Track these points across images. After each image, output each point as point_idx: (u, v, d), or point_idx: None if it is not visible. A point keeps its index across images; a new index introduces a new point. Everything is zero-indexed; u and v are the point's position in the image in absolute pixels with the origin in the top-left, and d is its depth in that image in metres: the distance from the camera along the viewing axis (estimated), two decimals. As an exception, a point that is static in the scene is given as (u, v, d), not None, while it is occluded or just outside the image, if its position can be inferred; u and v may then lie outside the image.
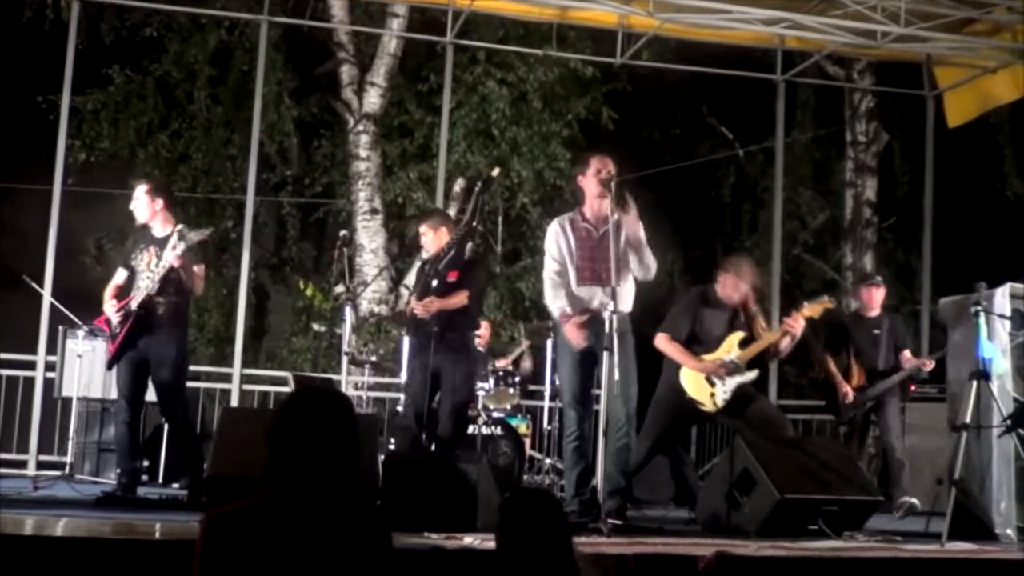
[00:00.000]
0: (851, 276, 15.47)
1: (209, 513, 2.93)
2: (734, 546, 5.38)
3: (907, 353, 8.95)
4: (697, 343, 7.33)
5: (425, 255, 7.95)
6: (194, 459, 7.24)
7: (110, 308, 7.10)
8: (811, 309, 7.46)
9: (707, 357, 7.28)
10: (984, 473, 6.99)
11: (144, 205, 7.22)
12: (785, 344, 7.35)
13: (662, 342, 7.28)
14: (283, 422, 3.03)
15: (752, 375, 7.33)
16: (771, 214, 12.86)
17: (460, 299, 7.33)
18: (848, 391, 8.87)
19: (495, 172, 7.71)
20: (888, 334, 8.96)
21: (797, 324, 7.28)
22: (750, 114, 14.96)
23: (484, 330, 9.74)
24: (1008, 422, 6.78)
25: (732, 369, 7.20)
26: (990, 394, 6.84)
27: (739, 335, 7.31)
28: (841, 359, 9.01)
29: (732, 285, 7.36)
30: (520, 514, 3.19)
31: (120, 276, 7.24)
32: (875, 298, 9.07)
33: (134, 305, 7.03)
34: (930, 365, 8.46)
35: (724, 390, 7.24)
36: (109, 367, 7.28)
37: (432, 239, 7.67)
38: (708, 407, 7.26)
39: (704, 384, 7.25)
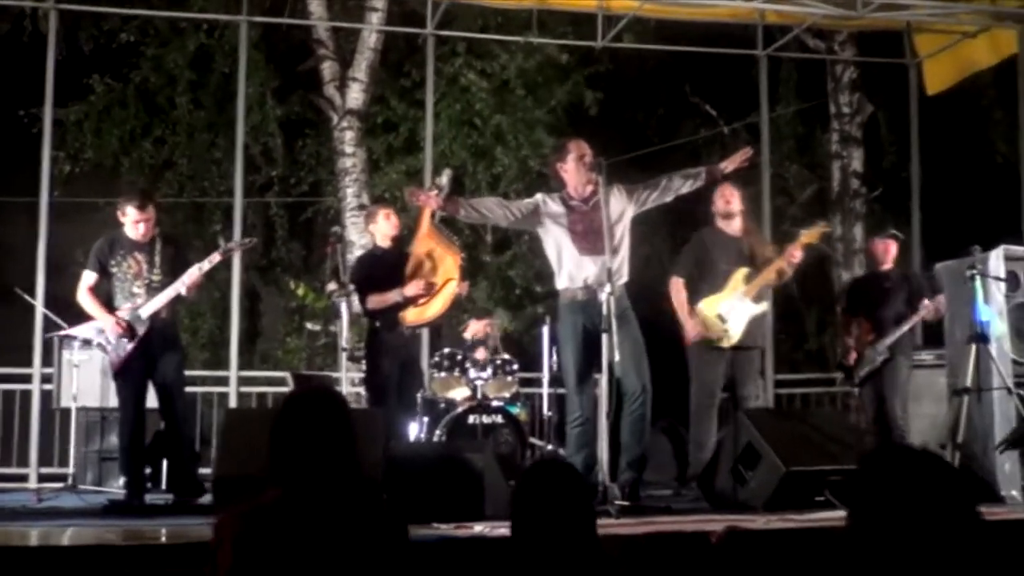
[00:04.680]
0: (841, 248, 15.49)
1: (223, 514, 2.93)
2: (743, 521, 5.39)
3: (925, 300, 8.54)
4: (703, 281, 7.65)
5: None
6: (193, 461, 7.31)
7: (109, 321, 7.06)
8: (808, 236, 7.82)
9: (713, 296, 7.59)
10: (987, 436, 7.03)
11: (151, 222, 7.22)
12: (788, 271, 7.76)
13: (671, 287, 7.69)
14: (280, 423, 3.07)
15: (762, 308, 7.59)
16: (759, 190, 12.86)
17: None
18: (852, 353, 8.77)
19: (444, 179, 7.78)
20: (898, 286, 8.79)
21: (797, 252, 7.66)
22: (733, 91, 14.93)
23: (481, 325, 9.75)
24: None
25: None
26: (989, 357, 6.87)
27: (744, 271, 7.64)
28: (856, 325, 8.91)
29: (719, 198, 7.76)
30: (541, 485, 3.16)
31: (90, 278, 7.23)
32: (890, 251, 8.85)
33: (144, 315, 7.05)
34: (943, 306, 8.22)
35: (736, 324, 7.57)
36: (118, 377, 7.25)
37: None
38: (724, 343, 7.60)
39: (717, 321, 7.57)
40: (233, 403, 10.04)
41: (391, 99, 14.96)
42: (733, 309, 7.58)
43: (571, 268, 6.68)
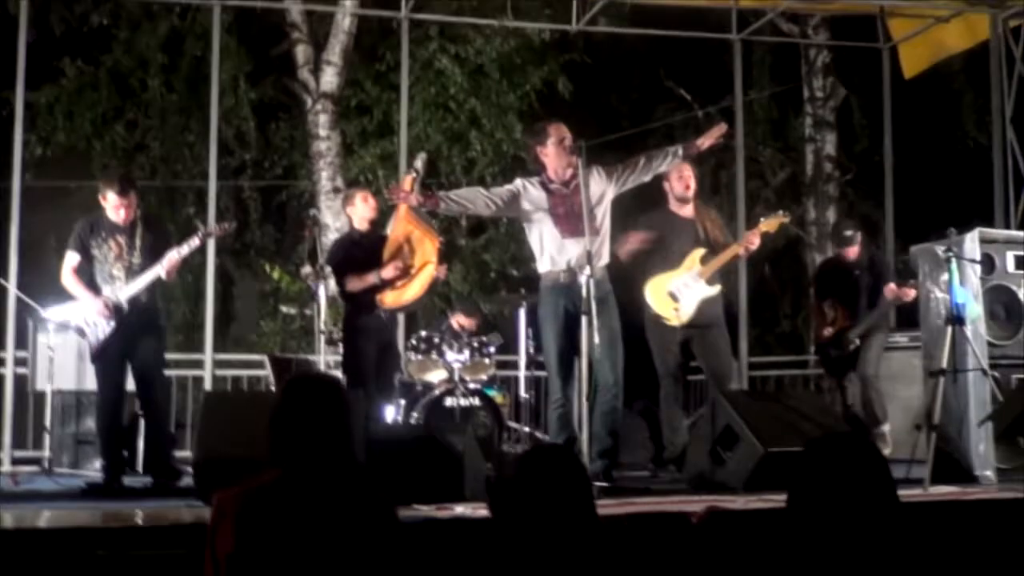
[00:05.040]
0: (815, 232, 15.57)
1: (220, 493, 2.95)
2: (723, 502, 5.43)
3: (892, 285, 8.69)
4: (658, 259, 7.65)
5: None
6: (165, 442, 7.31)
7: (93, 303, 7.03)
8: (767, 224, 7.89)
9: (665, 275, 7.63)
10: (962, 417, 7.09)
11: (132, 207, 7.18)
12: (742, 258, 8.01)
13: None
14: (283, 408, 3.12)
15: (714, 290, 7.59)
16: (732, 173, 12.91)
17: None
18: (825, 331, 8.88)
19: (419, 162, 7.81)
20: (866, 273, 8.91)
21: (755, 238, 7.73)
22: (707, 75, 14.97)
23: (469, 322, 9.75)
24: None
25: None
26: (965, 339, 6.93)
27: (701, 251, 7.66)
28: (830, 307, 8.99)
29: (676, 179, 7.77)
30: (541, 470, 3.17)
31: (74, 259, 7.18)
32: (851, 252, 9.04)
33: (124, 298, 7.02)
34: (911, 293, 8.32)
35: (687, 304, 7.58)
36: (96, 359, 7.21)
37: None
38: (673, 321, 7.62)
39: (667, 299, 7.59)
40: (208, 386, 10.02)
41: (365, 82, 14.91)
42: (686, 288, 7.61)
43: (553, 251, 6.69)
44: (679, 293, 7.59)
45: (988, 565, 4.77)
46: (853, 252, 9.00)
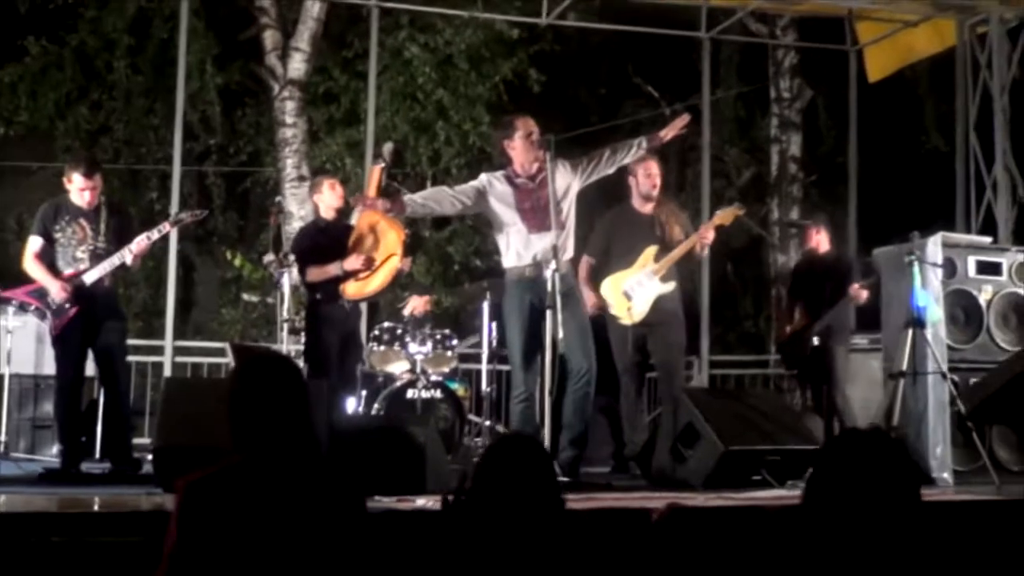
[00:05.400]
0: (777, 232, 15.64)
1: (184, 480, 2.93)
2: (683, 498, 5.44)
3: (855, 284, 8.53)
4: (616, 257, 7.66)
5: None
6: (126, 429, 7.25)
7: (55, 285, 6.94)
8: (722, 217, 7.88)
9: (620, 273, 7.61)
10: (920, 419, 7.16)
11: (97, 190, 7.12)
12: (700, 252, 7.85)
13: (580, 265, 7.57)
14: (240, 389, 3.08)
15: (668, 287, 7.58)
16: (698, 171, 12.95)
17: None
18: (786, 329, 8.92)
19: (385, 151, 7.80)
20: (829, 271, 8.79)
21: (709, 233, 7.71)
22: (675, 72, 15.00)
23: (422, 302, 9.75)
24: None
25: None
26: (925, 342, 6.99)
27: (654, 248, 7.64)
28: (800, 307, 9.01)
29: (644, 176, 7.71)
30: (507, 461, 3.16)
31: (36, 244, 7.08)
32: (813, 239, 9.00)
33: (88, 281, 6.95)
34: (864, 294, 8.36)
35: (640, 302, 7.57)
36: (57, 342, 7.11)
37: None
38: (625, 319, 7.61)
39: (621, 298, 7.59)
40: (168, 373, 9.95)
41: (333, 70, 14.85)
42: (640, 286, 7.59)
43: (519, 247, 6.66)
44: (632, 292, 7.58)
45: (946, 568, 4.80)
46: (817, 244, 8.97)
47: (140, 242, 7.00)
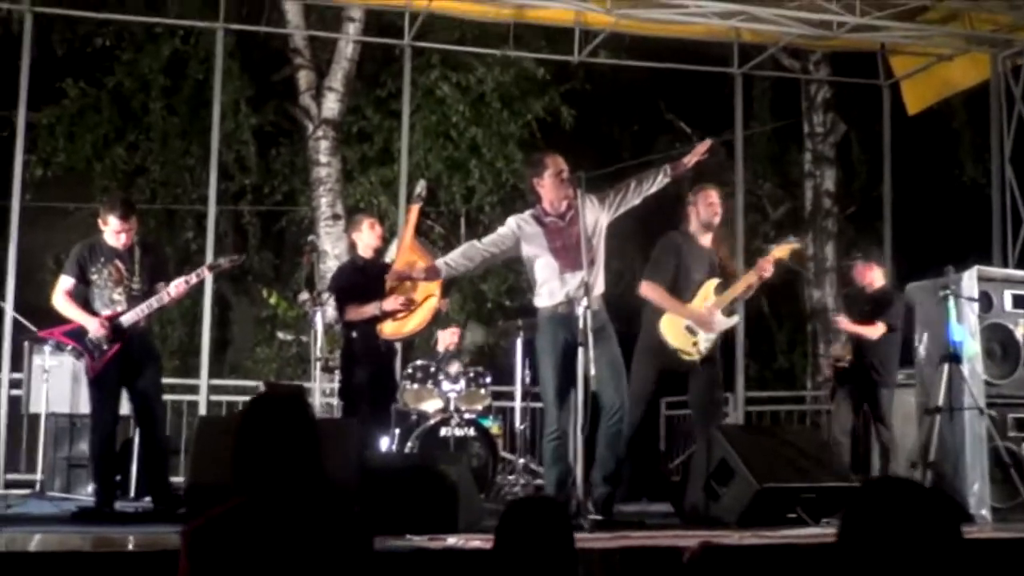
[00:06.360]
0: (812, 267, 15.57)
1: (188, 527, 2.91)
2: (717, 537, 5.40)
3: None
4: (676, 290, 7.30)
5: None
6: (166, 468, 7.28)
7: (94, 322, 6.99)
8: (780, 251, 7.60)
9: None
10: (957, 455, 7.07)
11: (132, 231, 7.17)
12: (755, 286, 7.53)
13: (648, 289, 7.27)
14: (243, 428, 3.03)
15: (733, 320, 7.44)
16: (732, 207, 12.91)
17: None
18: (837, 356, 8.88)
19: (419, 189, 7.84)
20: (873, 308, 8.79)
21: (768, 266, 7.42)
22: (708, 108, 14.99)
23: (452, 336, 9.79)
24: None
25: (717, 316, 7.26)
26: (961, 377, 6.92)
27: (714, 282, 7.36)
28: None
29: (705, 205, 7.39)
30: (523, 525, 3.13)
31: (68, 283, 7.12)
32: (860, 275, 9.04)
33: (126, 323, 6.99)
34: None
35: (707, 338, 7.24)
36: (93, 383, 7.12)
37: None
38: (693, 356, 7.23)
39: (686, 333, 7.24)
40: (203, 411, 9.99)
41: (366, 109, 14.94)
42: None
43: (553, 285, 6.64)
44: (699, 328, 7.23)
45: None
46: (865, 279, 8.96)
47: (179, 286, 7.04)
